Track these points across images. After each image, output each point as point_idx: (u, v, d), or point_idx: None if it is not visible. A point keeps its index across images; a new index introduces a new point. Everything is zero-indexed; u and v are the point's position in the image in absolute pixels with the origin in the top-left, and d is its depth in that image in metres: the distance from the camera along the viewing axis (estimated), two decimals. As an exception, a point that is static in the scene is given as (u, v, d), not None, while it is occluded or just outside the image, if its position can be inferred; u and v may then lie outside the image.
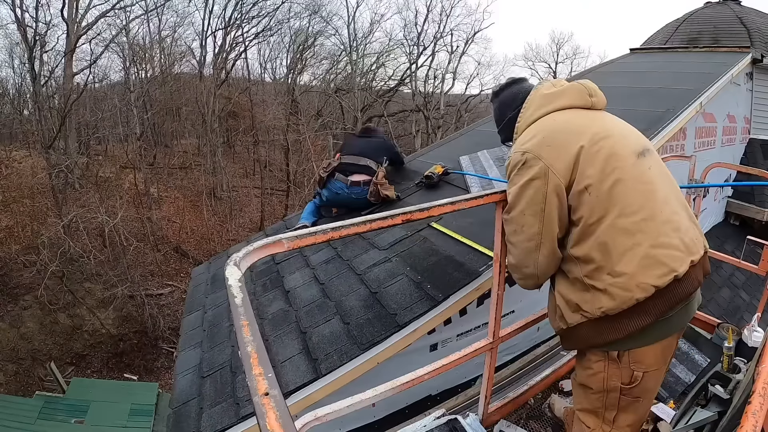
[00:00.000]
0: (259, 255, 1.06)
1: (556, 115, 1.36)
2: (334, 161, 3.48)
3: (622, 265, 1.17)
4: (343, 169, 3.39)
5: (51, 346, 12.38)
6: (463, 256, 2.35)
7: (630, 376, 1.25)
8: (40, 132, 15.56)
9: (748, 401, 0.72)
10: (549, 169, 1.23)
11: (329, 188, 3.42)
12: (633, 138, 1.33)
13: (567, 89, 1.38)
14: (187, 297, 3.76)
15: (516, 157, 1.31)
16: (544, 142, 1.27)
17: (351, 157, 3.43)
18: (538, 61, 28.56)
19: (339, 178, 3.37)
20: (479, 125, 5.31)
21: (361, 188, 3.31)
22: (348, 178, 3.33)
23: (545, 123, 1.35)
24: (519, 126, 1.43)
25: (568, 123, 1.32)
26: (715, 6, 6.64)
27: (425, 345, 2.33)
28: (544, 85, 1.43)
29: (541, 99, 1.39)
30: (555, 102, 1.37)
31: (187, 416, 2.06)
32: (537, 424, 2.09)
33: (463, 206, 1.39)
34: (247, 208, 19.87)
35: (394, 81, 24.17)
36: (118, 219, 13.64)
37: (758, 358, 1.06)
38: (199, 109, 19.46)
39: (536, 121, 1.37)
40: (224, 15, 20.17)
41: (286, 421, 0.60)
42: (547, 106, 1.37)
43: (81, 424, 8.97)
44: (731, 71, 4.71)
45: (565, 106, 1.36)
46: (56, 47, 16.75)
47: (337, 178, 3.38)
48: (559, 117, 1.35)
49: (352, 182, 3.31)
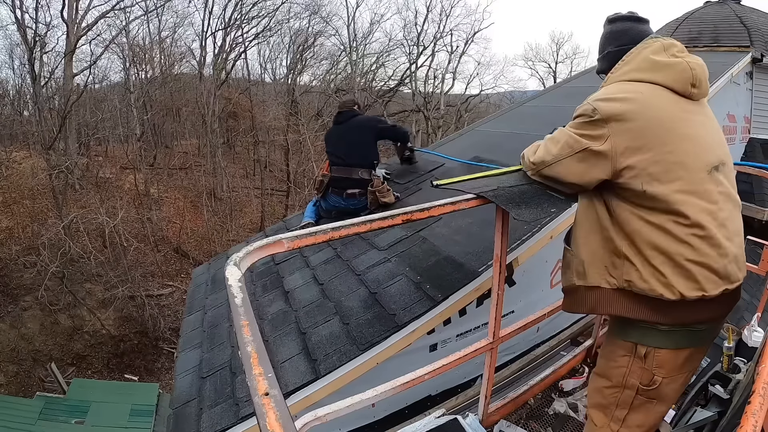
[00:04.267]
0: (259, 255, 1.06)
1: (651, 90, 1.23)
2: (326, 174, 3.42)
3: (658, 264, 1.17)
4: (337, 183, 3.35)
5: (51, 346, 12.39)
6: (462, 256, 2.35)
7: (650, 379, 1.25)
8: (40, 133, 15.55)
9: (748, 401, 0.72)
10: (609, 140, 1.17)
11: (327, 201, 3.42)
12: (712, 147, 1.22)
13: (673, 66, 1.23)
14: (188, 297, 3.76)
15: (587, 108, 1.23)
16: (621, 114, 1.18)
17: (342, 169, 3.34)
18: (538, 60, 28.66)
19: (334, 192, 3.35)
20: (479, 125, 5.31)
21: (357, 199, 3.31)
22: (344, 191, 3.31)
23: (636, 92, 1.22)
24: (612, 75, 1.33)
25: (655, 108, 1.20)
26: (714, 5, 6.63)
27: (425, 345, 2.33)
28: (656, 45, 1.28)
29: (645, 61, 1.27)
30: (656, 73, 1.24)
31: (187, 417, 2.06)
32: (537, 424, 2.09)
33: (464, 206, 1.39)
34: (248, 208, 19.85)
35: (394, 81, 24.21)
36: (118, 220, 13.64)
37: (758, 358, 1.06)
38: (199, 110, 19.44)
39: (629, 82, 1.27)
40: (224, 15, 20.19)
41: (286, 421, 0.60)
42: (647, 72, 1.25)
43: (81, 424, 8.97)
44: (731, 70, 4.71)
45: (663, 83, 1.23)
46: (56, 48, 16.78)
47: (332, 192, 3.36)
48: (652, 95, 1.22)
49: (348, 194, 3.31)
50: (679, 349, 1.23)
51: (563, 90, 5.89)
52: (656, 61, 1.25)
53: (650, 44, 1.28)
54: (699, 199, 1.15)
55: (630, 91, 1.23)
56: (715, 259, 1.15)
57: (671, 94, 1.23)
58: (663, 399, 1.29)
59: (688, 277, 1.15)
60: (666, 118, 1.18)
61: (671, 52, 1.26)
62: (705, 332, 1.25)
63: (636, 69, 1.27)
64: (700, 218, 1.14)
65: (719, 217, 1.17)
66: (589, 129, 1.21)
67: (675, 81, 1.23)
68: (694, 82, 1.23)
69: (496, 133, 4.60)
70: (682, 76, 1.23)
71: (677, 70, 1.23)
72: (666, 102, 1.21)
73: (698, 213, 1.14)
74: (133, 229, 15.44)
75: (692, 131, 1.20)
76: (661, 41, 1.28)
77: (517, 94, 24.13)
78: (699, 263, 1.14)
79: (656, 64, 1.25)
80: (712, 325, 1.26)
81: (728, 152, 1.29)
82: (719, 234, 1.16)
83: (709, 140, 1.23)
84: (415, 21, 23.65)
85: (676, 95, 1.23)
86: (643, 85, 1.24)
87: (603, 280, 1.26)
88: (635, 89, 1.23)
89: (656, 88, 1.23)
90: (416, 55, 23.36)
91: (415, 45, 23.33)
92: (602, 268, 1.25)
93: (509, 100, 23.08)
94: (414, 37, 23.31)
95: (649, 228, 1.17)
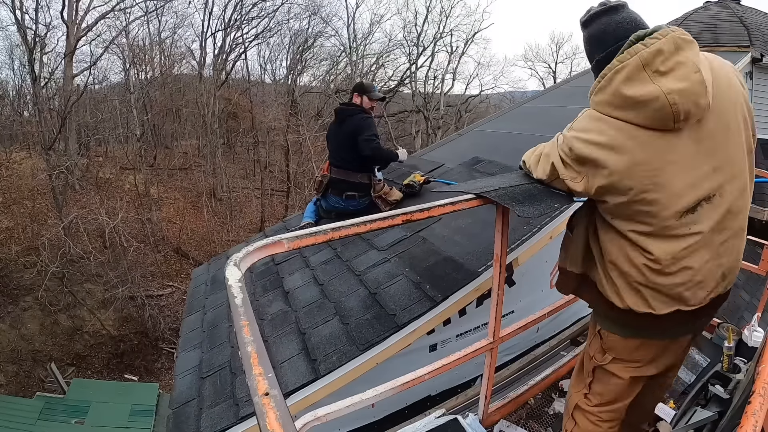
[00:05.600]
0: (259, 255, 1.06)
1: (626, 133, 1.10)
2: (325, 174, 3.41)
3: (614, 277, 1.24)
4: (336, 185, 3.34)
5: (51, 347, 12.39)
6: (462, 256, 2.35)
7: (602, 354, 1.39)
8: (40, 133, 15.56)
9: (748, 401, 0.72)
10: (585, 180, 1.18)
11: (327, 201, 3.42)
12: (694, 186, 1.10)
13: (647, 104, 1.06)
14: (188, 298, 3.76)
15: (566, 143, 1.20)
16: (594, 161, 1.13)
17: (341, 172, 3.32)
18: (537, 61, 28.66)
19: (334, 193, 3.35)
20: (479, 125, 5.32)
21: (357, 201, 3.30)
22: (343, 192, 3.31)
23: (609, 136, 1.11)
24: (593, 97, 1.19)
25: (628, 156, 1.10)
26: (714, 5, 6.63)
27: (425, 345, 2.33)
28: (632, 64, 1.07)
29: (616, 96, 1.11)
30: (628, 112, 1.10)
31: (187, 417, 2.06)
32: (537, 424, 2.09)
33: (464, 206, 1.39)
34: (247, 209, 19.85)
35: (394, 81, 24.17)
36: (118, 220, 13.64)
37: (758, 358, 1.06)
38: (199, 111, 19.45)
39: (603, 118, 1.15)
40: (224, 16, 20.20)
41: (286, 421, 0.60)
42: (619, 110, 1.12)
43: (81, 424, 8.97)
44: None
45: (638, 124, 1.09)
46: (56, 49, 16.80)
47: (332, 193, 3.36)
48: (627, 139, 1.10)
49: (347, 196, 3.30)
50: (627, 338, 1.31)
51: (563, 90, 5.89)
52: (627, 97, 1.08)
53: (625, 63, 1.08)
54: (662, 242, 1.15)
55: (604, 132, 1.12)
56: (669, 287, 1.17)
57: (651, 133, 1.08)
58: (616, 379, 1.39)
59: (637, 295, 1.21)
60: (638, 168, 1.09)
61: (654, 67, 1.06)
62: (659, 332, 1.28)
63: (608, 103, 1.13)
64: (654, 254, 1.15)
65: (682, 257, 1.15)
66: (569, 161, 1.22)
67: (652, 121, 1.07)
68: (678, 119, 1.05)
69: (496, 133, 4.60)
70: (658, 115, 1.05)
71: (652, 109, 1.05)
72: (640, 147, 1.08)
73: (655, 251, 1.15)
74: (133, 229, 15.43)
75: (668, 175, 1.09)
76: (640, 55, 1.06)
77: (517, 95, 24.17)
78: (650, 287, 1.19)
79: (627, 102, 1.08)
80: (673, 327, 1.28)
81: (737, 171, 1.15)
82: (675, 268, 1.16)
83: (694, 176, 1.09)
84: (414, 21, 23.63)
85: (658, 132, 1.08)
86: (617, 124, 1.11)
87: (586, 271, 1.36)
88: (609, 131, 1.11)
89: (630, 128, 1.09)
90: (416, 55, 23.38)
91: (414, 45, 23.36)
92: (588, 261, 1.35)
93: (509, 101, 23.10)
94: (414, 37, 23.34)
95: (612, 245, 1.23)
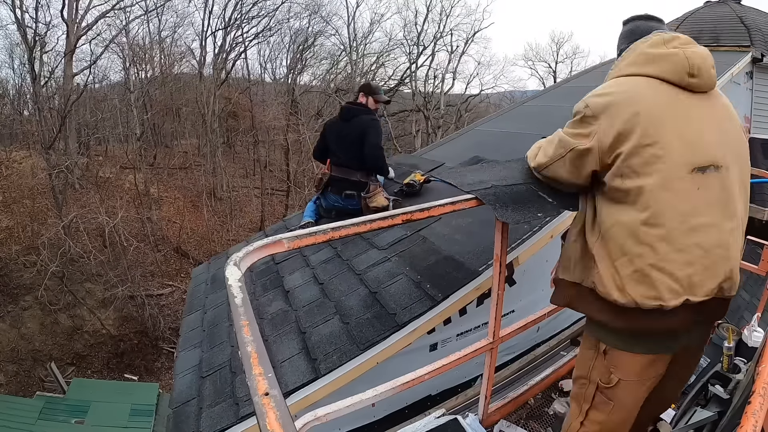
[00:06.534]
0: (259, 255, 1.06)
1: (644, 83, 1.19)
2: (326, 172, 3.40)
3: (619, 266, 1.16)
4: (335, 183, 3.33)
5: (51, 346, 12.39)
6: (463, 255, 2.35)
7: (608, 377, 1.27)
8: (40, 132, 15.53)
9: (748, 401, 0.72)
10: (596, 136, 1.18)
11: (326, 199, 3.42)
12: (705, 147, 1.14)
13: (667, 58, 1.18)
14: (187, 297, 3.76)
15: (580, 105, 1.24)
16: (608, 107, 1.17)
17: (341, 170, 3.31)
18: (538, 60, 28.55)
19: (333, 192, 3.35)
20: (479, 125, 5.32)
21: (356, 200, 3.30)
22: (342, 191, 3.31)
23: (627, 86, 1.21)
24: (611, 72, 1.32)
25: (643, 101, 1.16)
26: (715, 5, 6.63)
27: (425, 345, 2.32)
28: (655, 38, 1.24)
29: (640, 55, 1.23)
30: (649, 66, 1.20)
31: (187, 416, 2.06)
32: (537, 424, 2.09)
33: (464, 206, 1.39)
34: (247, 208, 19.85)
35: (394, 81, 24.17)
36: (118, 219, 13.64)
37: (758, 358, 1.06)
38: (199, 110, 19.44)
39: (625, 77, 1.25)
40: (224, 15, 20.18)
41: (286, 420, 0.60)
42: (642, 66, 1.22)
43: (81, 424, 8.96)
44: (731, 70, 4.71)
45: (657, 75, 1.19)
46: (56, 48, 16.78)
47: (331, 191, 3.36)
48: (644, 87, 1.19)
49: (347, 195, 3.29)
50: (636, 354, 1.22)
51: (563, 90, 5.89)
52: (650, 53, 1.21)
53: (650, 38, 1.24)
54: (671, 196, 1.11)
55: (622, 84, 1.22)
56: (679, 266, 1.11)
57: (668, 87, 1.18)
58: (620, 404, 1.29)
59: (645, 282, 1.12)
60: (653, 110, 1.14)
61: (672, 44, 1.20)
62: (668, 341, 1.21)
63: (632, 63, 1.25)
64: (664, 216, 1.11)
65: (691, 222, 1.11)
66: (579, 127, 1.23)
67: (669, 72, 1.17)
68: (692, 71, 1.16)
69: (496, 132, 4.60)
70: (676, 66, 1.17)
71: (671, 61, 1.17)
72: (658, 94, 1.17)
73: (664, 210, 1.11)
74: (132, 228, 15.43)
75: (682, 126, 1.14)
76: (662, 35, 1.23)
77: (517, 94, 24.14)
78: (659, 268, 1.11)
79: (650, 57, 1.21)
80: (674, 335, 1.21)
81: (739, 154, 1.21)
82: (687, 239, 1.11)
83: (704, 138, 1.15)
84: (415, 21, 23.62)
85: (675, 87, 1.18)
86: (637, 78, 1.21)
87: (582, 278, 1.28)
88: (627, 83, 1.22)
89: (651, 81, 1.19)
90: (416, 54, 23.37)
91: (415, 45, 23.34)
92: (583, 267, 1.28)
93: (509, 100, 23.10)
94: (414, 36, 23.32)
95: (619, 227, 1.16)
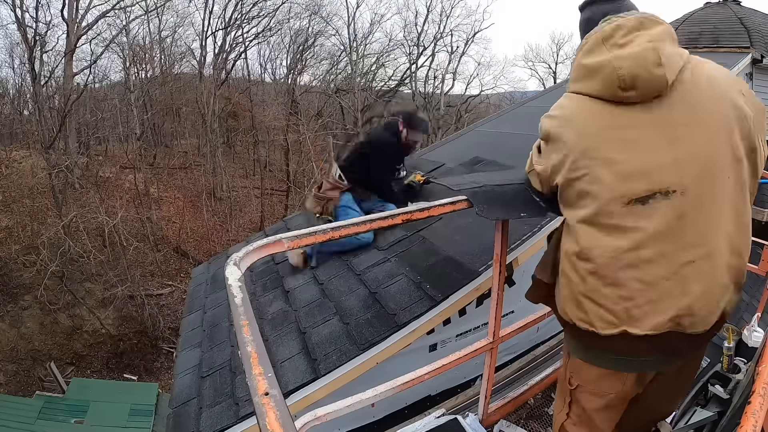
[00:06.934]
0: (258, 255, 1.06)
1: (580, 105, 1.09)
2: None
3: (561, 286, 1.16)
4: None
5: (51, 346, 12.39)
6: (462, 256, 2.35)
7: (568, 380, 1.28)
8: (40, 132, 15.53)
9: (748, 401, 0.72)
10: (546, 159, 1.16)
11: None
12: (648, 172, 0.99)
13: (598, 70, 1.03)
14: (187, 297, 3.76)
15: (541, 124, 1.16)
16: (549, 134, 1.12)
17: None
18: (538, 61, 28.48)
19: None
20: (479, 125, 5.32)
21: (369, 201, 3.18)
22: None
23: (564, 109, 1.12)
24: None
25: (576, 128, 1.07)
26: (714, 6, 6.63)
27: (425, 345, 2.33)
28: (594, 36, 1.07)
29: (577, 69, 1.10)
30: (585, 83, 1.07)
31: (187, 416, 2.06)
32: (537, 424, 2.09)
33: (464, 206, 1.39)
34: (247, 208, 19.85)
35: (394, 81, 24.18)
36: (118, 219, 13.65)
37: (758, 358, 1.06)
38: (199, 110, 19.44)
39: (568, 95, 1.14)
40: (224, 15, 20.19)
41: (286, 420, 0.60)
42: (578, 82, 1.10)
43: (81, 424, 8.97)
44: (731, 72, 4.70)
45: (592, 94, 1.06)
46: (56, 47, 16.76)
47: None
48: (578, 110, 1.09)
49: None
50: (591, 365, 1.17)
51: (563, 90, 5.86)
52: (584, 66, 1.08)
53: (594, 33, 1.08)
54: (601, 234, 1.02)
55: (564, 107, 1.13)
56: (613, 300, 1.03)
57: (603, 106, 1.04)
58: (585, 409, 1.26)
59: (579, 307, 1.10)
60: (581, 141, 1.04)
61: (611, 41, 1.03)
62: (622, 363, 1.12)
63: (573, 79, 1.12)
64: (593, 252, 1.04)
65: (628, 257, 1.00)
66: (541, 142, 1.21)
67: (599, 90, 1.04)
68: (623, 85, 0.99)
69: (496, 133, 4.60)
70: (605, 81, 1.02)
71: (601, 75, 1.02)
72: (591, 119, 1.05)
73: (592, 247, 1.03)
74: (132, 228, 15.43)
75: (615, 154, 1.01)
76: (605, 27, 1.06)
77: (517, 95, 24.12)
78: (590, 299, 1.07)
79: (584, 71, 1.08)
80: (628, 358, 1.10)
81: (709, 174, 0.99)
82: (622, 274, 1.01)
83: (646, 163, 0.99)
84: (415, 21, 23.60)
85: (611, 104, 1.03)
86: (576, 99, 1.10)
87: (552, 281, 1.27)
88: (568, 104, 1.12)
89: (586, 101, 1.07)
90: (416, 55, 23.38)
91: (415, 45, 23.35)
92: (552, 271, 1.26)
93: (509, 101, 23.07)
94: (414, 37, 23.32)
95: (563, 251, 1.14)
